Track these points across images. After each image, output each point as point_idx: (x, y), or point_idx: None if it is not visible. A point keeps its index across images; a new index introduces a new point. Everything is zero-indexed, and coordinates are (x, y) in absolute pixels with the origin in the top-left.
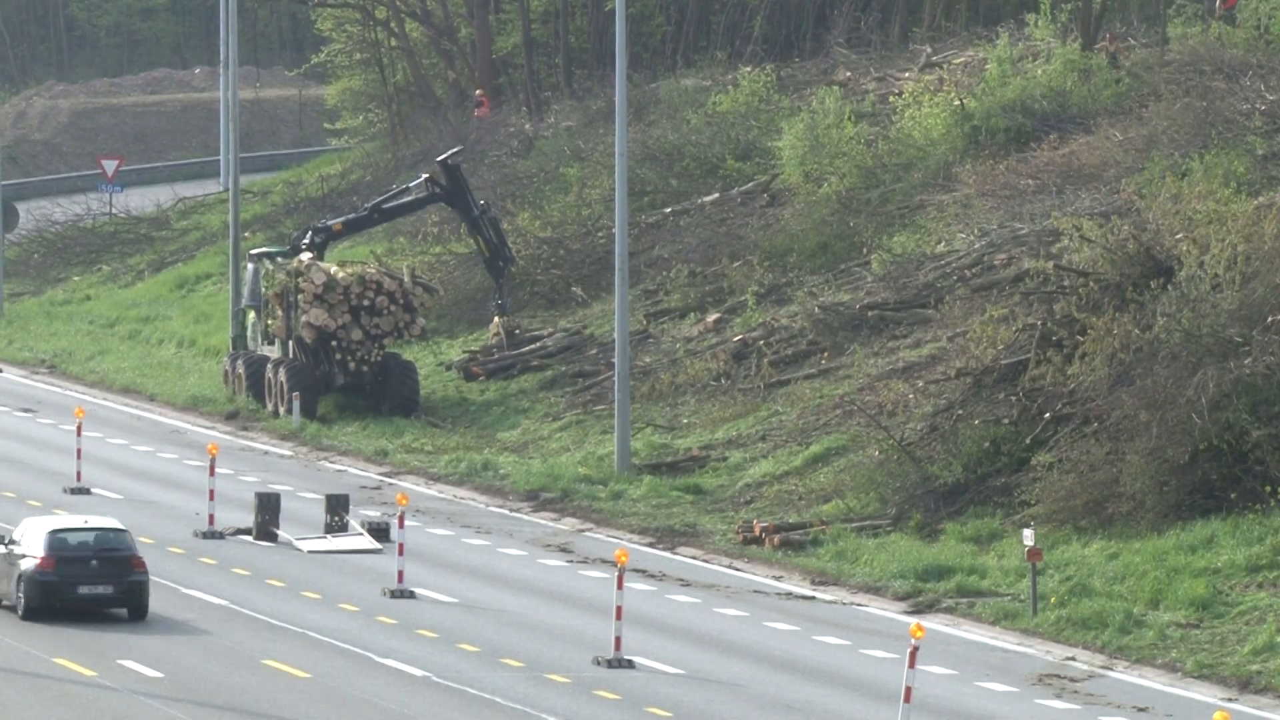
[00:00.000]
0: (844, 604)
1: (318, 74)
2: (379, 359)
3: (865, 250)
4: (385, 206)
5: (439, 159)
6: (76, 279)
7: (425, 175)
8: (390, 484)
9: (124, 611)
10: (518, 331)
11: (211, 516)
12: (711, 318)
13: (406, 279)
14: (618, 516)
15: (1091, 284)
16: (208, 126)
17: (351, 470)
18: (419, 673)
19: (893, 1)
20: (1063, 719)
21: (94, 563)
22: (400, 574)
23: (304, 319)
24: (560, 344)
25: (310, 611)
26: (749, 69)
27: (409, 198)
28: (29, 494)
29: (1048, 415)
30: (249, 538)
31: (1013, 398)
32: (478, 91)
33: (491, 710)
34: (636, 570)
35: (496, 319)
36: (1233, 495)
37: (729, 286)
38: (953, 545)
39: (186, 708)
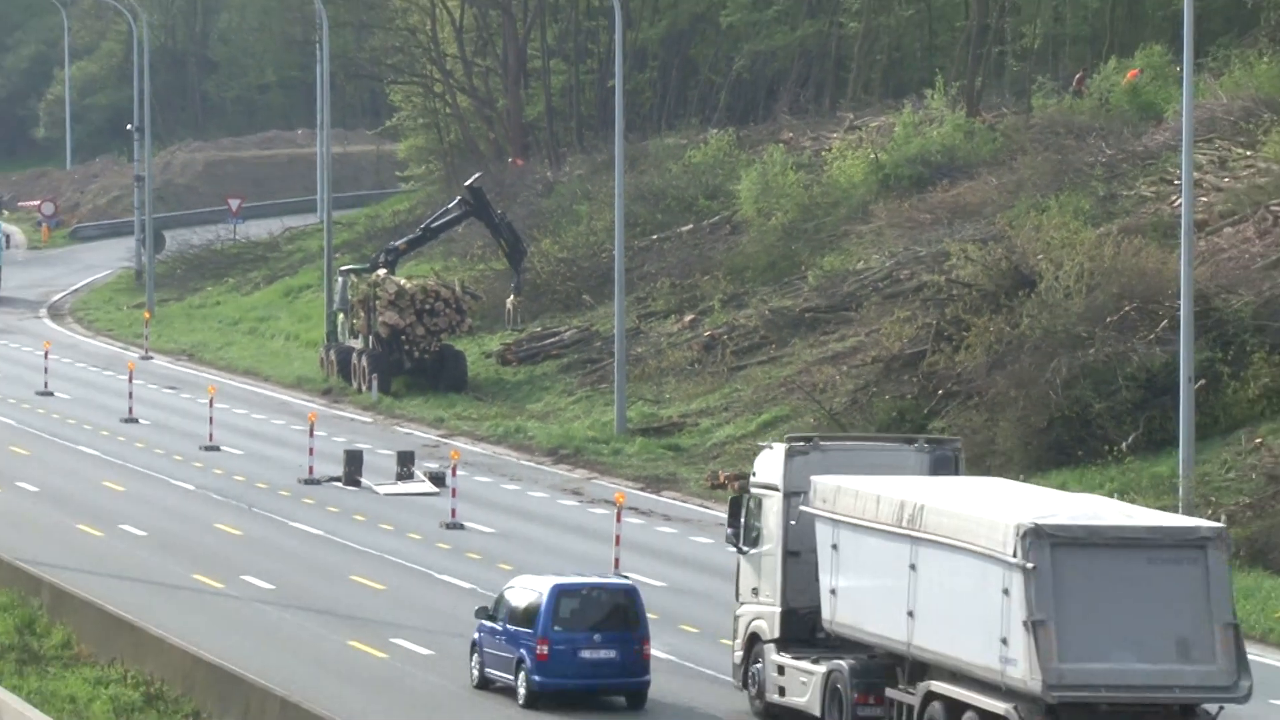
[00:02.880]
0: None
1: (390, 134)
2: (437, 349)
3: (803, 267)
4: (433, 226)
5: (465, 184)
6: (209, 289)
7: (459, 197)
8: (445, 443)
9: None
10: (522, 327)
11: (311, 468)
12: (687, 318)
13: (458, 289)
14: (617, 468)
15: (974, 293)
16: (308, 174)
17: (416, 433)
18: (467, 585)
19: (825, 80)
20: None
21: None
22: (453, 511)
23: (380, 319)
24: (573, 338)
25: (385, 539)
26: (716, 131)
27: (449, 216)
28: (174, 450)
29: (940, 392)
30: (339, 484)
31: (914, 379)
32: (512, 159)
33: None
34: (631, 508)
35: (512, 297)
36: (1080, 453)
37: (701, 294)
38: None
39: (293, 612)
